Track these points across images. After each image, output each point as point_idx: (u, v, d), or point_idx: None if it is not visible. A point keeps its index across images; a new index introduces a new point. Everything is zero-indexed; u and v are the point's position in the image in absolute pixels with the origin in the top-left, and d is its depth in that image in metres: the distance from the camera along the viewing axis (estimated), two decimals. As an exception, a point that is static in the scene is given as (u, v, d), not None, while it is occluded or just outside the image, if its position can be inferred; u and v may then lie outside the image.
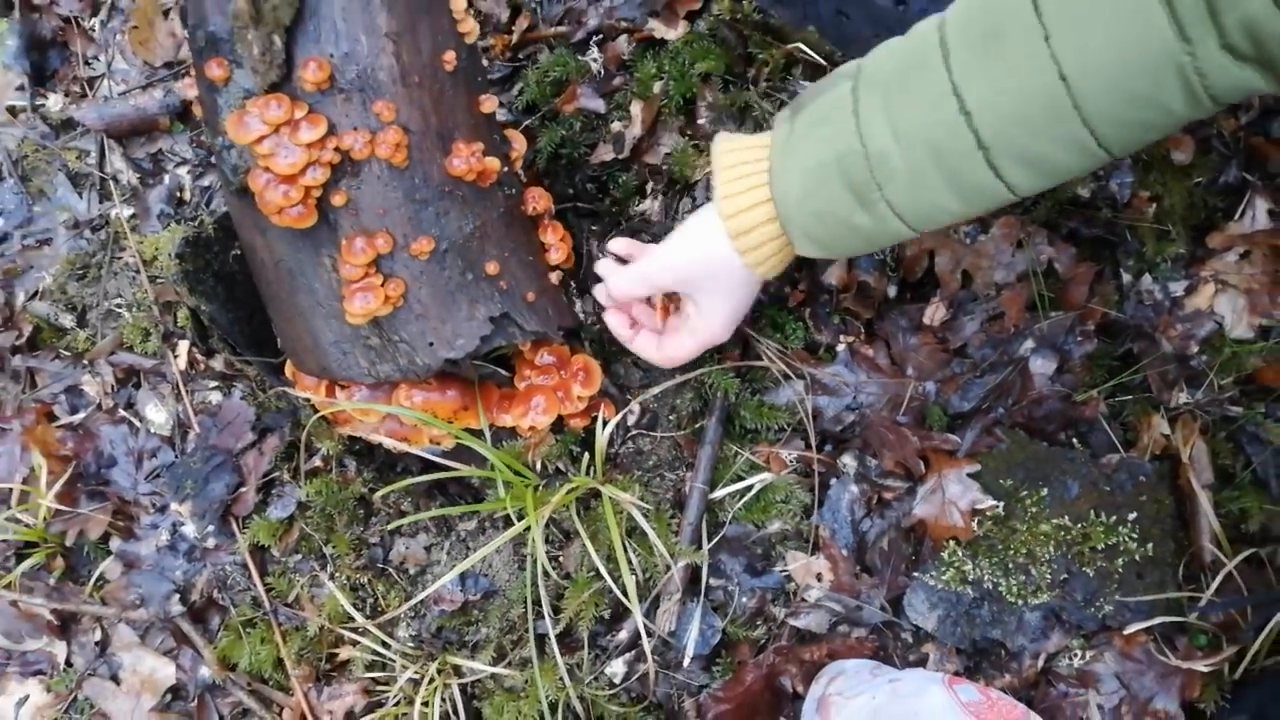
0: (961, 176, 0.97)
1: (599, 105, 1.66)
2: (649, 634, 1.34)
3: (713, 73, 1.57)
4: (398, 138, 1.20)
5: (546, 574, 1.34)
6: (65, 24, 1.87)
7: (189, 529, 1.54)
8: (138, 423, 1.63)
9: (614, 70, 1.68)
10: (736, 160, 1.13)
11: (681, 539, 1.38)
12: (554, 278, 1.43)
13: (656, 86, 1.60)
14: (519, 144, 1.41)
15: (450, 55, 1.24)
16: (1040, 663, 1.42)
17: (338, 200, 1.23)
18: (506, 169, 1.35)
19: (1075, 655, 1.43)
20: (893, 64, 1.01)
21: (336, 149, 1.20)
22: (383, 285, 1.26)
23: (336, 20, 1.16)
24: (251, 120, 1.18)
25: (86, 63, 1.84)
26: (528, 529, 1.33)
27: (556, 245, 1.44)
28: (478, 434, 1.38)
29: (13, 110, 1.84)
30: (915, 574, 1.43)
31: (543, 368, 1.45)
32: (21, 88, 1.83)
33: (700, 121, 1.60)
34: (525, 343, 1.42)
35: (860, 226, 1.04)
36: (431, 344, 1.30)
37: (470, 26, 1.27)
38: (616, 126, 1.64)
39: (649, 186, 1.60)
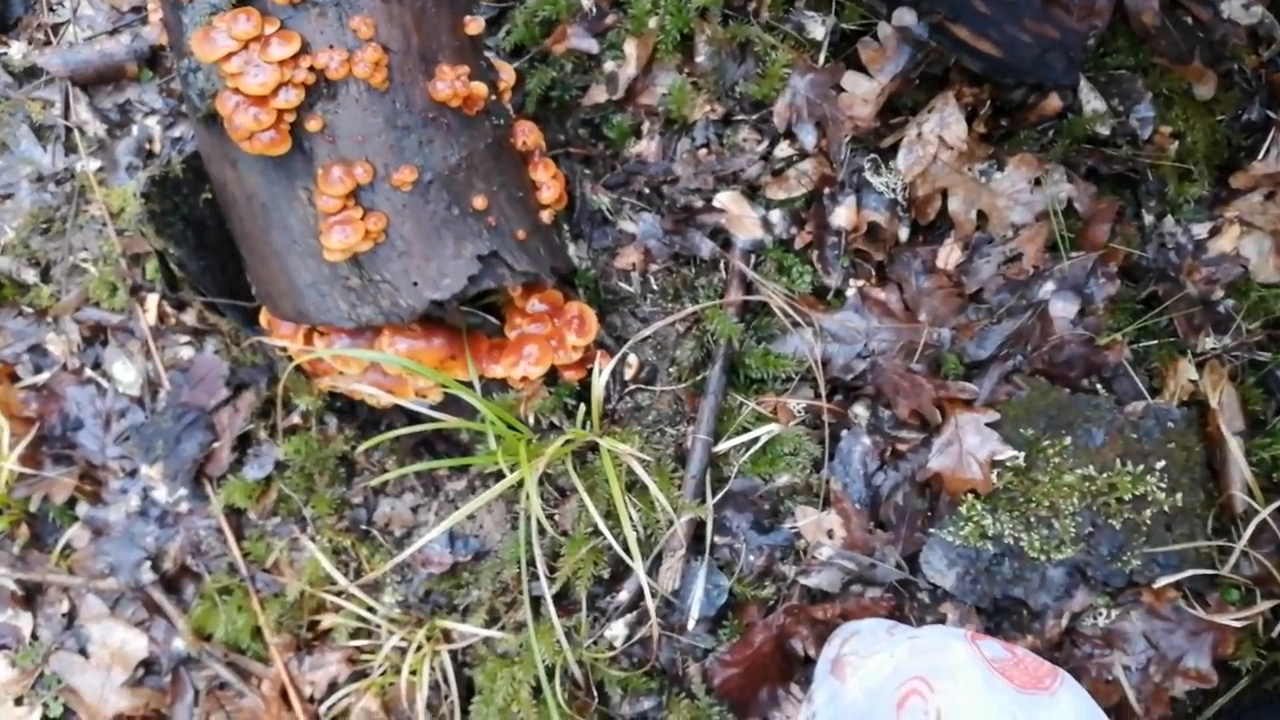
0: None
1: (591, 45, 1.57)
2: (652, 594, 1.25)
3: (711, 6, 1.49)
4: (377, 56, 1.11)
5: (542, 531, 1.26)
6: (28, -32, 1.77)
7: (160, 493, 1.45)
8: (105, 383, 1.54)
9: (606, 8, 1.59)
10: None
11: (684, 493, 1.30)
12: (546, 217, 1.34)
13: (652, 22, 1.51)
14: (507, 74, 1.33)
15: (433, -31, 1.15)
16: (1064, 622, 1.34)
17: (313, 125, 1.14)
18: (494, 98, 1.26)
19: (1100, 614, 1.36)
20: None
21: (311, 68, 1.11)
22: (362, 219, 1.17)
23: (309, -73, 1.08)
24: (218, 36, 1.09)
25: (51, 8, 1.74)
26: (520, 484, 1.24)
27: (548, 183, 1.35)
28: (466, 385, 1.29)
29: (-28, 59, 1.74)
30: (931, 530, 1.35)
31: (535, 315, 1.36)
32: (-19, 35, 1.73)
33: (699, 59, 1.52)
34: (516, 287, 1.33)
35: None
36: (415, 284, 1.21)
37: (454, -61, 1.19)
38: (610, 66, 1.55)
39: (645, 127, 1.52)
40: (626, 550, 1.23)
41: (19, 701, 1.47)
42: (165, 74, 1.70)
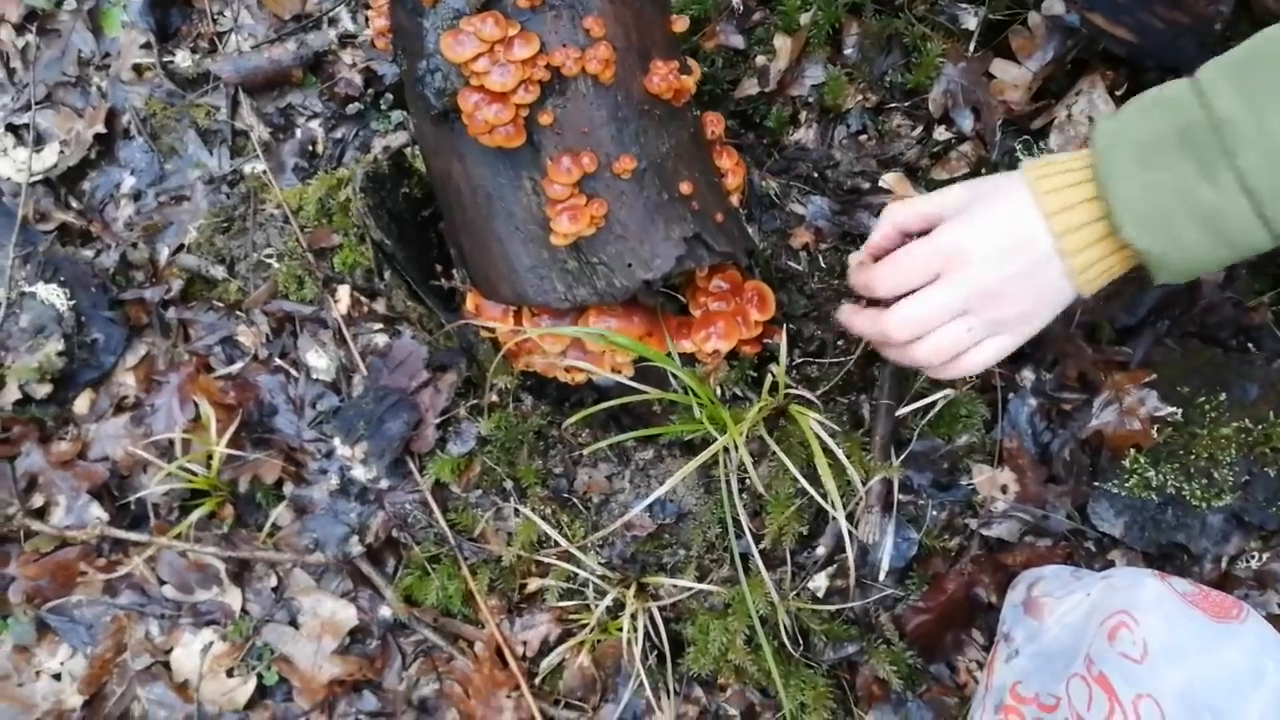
0: None
1: (739, 41, 1.67)
2: (848, 548, 1.35)
3: (861, 1, 1.58)
4: (608, 53, 1.21)
5: (743, 492, 1.35)
6: (187, -19, 1.86)
7: (357, 471, 1.54)
8: (294, 370, 1.63)
9: (753, 6, 1.69)
10: (1056, 169, 1.06)
11: (874, 454, 1.39)
12: (734, 200, 1.44)
13: (803, 18, 1.61)
14: (695, 69, 1.42)
15: (651, -28, 1.25)
16: (1222, 565, 1.45)
17: (544, 119, 1.23)
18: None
19: (1253, 557, 1.46)
20: (1241, 53, 0.96)
21: (547, 66, 1.20)
22: (586, 205, 1.26)
23: (550, -64, 1.17)
24: (466, 39, 1.18)
25: (213, 19, 1.83)
26: (721, 449, 1.34)
27: (731, 170, 1.45)
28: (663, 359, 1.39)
29: (139, 68, 1.83)
30: (1097, 483, 1.44)
31: (718, 293, 1.45)
32: (147, 45, 1.82)
33: (847, 51, 1.62)
34: (703, 267, 1.42)
35: (1203, 203, 0.95)
36: (630, 265, 1.31)
37: (666, -56, 1.28)
38: (760, 60, 1.65)
39: (802, 116, 1.61)
40: (830, 505, 1.33)
41: (230, 673, 1.55)
42: (326, 79, 1.80)
